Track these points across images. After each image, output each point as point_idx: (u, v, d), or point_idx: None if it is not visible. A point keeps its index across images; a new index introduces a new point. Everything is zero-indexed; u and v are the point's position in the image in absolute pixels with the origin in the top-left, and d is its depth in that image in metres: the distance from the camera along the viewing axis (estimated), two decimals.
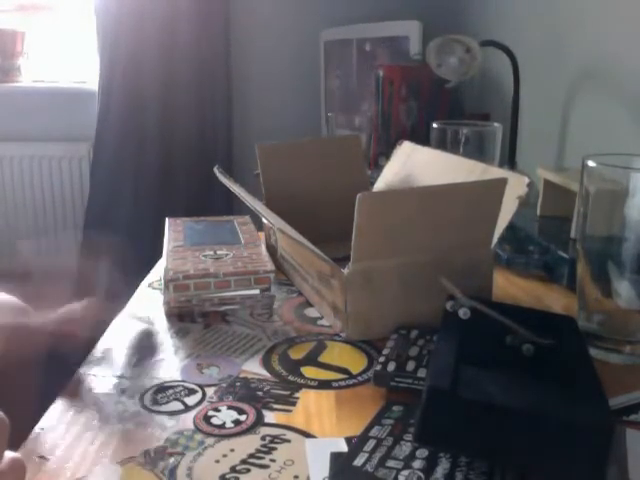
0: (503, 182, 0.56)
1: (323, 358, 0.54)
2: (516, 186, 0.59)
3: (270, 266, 0.64)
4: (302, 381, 0.50)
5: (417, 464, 0.39)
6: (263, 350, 0.55)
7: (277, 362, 0.53)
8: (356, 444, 0.41)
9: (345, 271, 0.55)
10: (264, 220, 0.72)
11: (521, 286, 0.71)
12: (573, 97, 1.15)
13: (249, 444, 0.42)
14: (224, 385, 0.50)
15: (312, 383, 0.50)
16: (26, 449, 0.41)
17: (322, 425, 0.44)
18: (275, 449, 0.41)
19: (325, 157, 0.82)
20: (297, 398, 0.48)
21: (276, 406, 0.47)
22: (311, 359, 0.54)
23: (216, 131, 2.05)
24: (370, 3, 1.96)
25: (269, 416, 0.45)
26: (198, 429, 0.44)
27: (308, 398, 0.48)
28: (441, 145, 0.80)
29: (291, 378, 0.51)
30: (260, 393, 0.48)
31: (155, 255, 0.77)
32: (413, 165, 0.76)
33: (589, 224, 0.53)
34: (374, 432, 0.43)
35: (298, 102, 2.10)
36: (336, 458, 0.40)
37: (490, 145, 0.81)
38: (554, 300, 0.68)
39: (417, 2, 1.84)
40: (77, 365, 0.51)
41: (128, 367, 0.52)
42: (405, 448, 0.40)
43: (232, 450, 0.41)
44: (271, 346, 0.56)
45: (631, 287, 0.52)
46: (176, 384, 0.50)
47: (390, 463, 0.39)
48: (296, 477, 0.39)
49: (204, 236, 0.74)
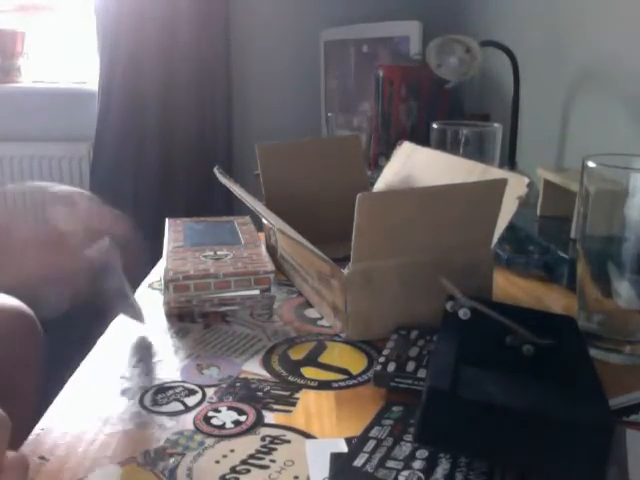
0: (503, 182, 0.56)
1: (323, 358, 0.54)
2: (516, 186, 0.59)
3: (270, 266, 0.64)
4: (302, 381, 0.50)
5: (417, 464, 0.39)
6: (263, 350, 0.55)
7: (277, 362, 0.53)
8: (356, 444, 0.41)
9: (345, 271, 0.55)
10: (264, 220, 0.72)
11: (521, 286, 0.71)
12: (573, 97, 1.15)
13: (249, 445, 0.42)
14: (224, 386, 0.50)
15: (312, 383, 0.50)
16: (26, 449, 0.41)
17: (322, 425, 0.44)
18: (275, 450, 0.41)
19: (325, 157, 0.82)
20: (297, 398, 0.48)
21: (276, 407, 0.47)
22: (311, 359, 0.54)
23: (216, 131, 2.05)
24: (370, 3, 1.96)
25: (269, 417, 0.45)
26: (198, 429, 0.44)
27: (308, 398, 0.48)
28: (441, 145, 0.80)
29: (291, 378, 0.51)
30: (260, 393, 0.48)
31: (155, 255, 0.77)
32: (413, 165, 0.76)
33: (589, 224, 0.53)
34: (374, 432, 0.43)
35: (298, 102, 2.10)
36: (336, 458, 0.40)
37: (490, 145, 0.81)
38: (554, 300, 0.68)
39: (417, 2, 1.84)
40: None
41: (129, 368, 0.52)
42: (405, 448, 0.40)
43: (232, 451, 0.41)
44: (271, 346, 0.56)
45: (631, 287, 0.52)
46: (176, 384, 0.50)
47: (390, 463, 0.39)
48: (296, 477, 0.39)
49: (204, 236, 0.74)
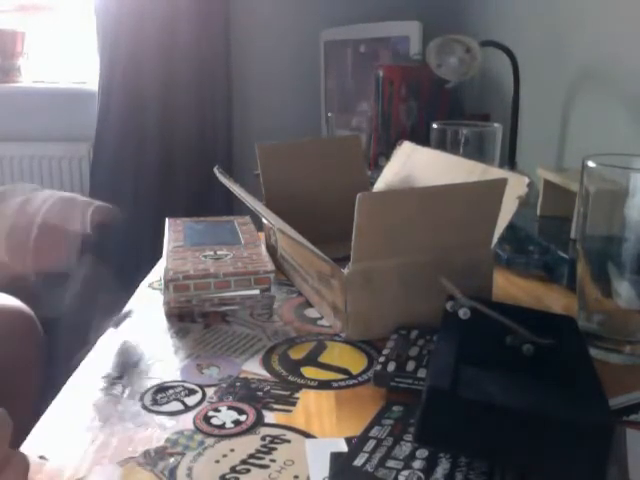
0: (503, 182, 0.56)
1: (323, 358, 0.54)
2: (516, 186, 0.59)
3: (270, 266, 0.64)
4: (302, 381, 0.50)
5: (417, 464, 0.39)
6: (263, 350, 0.55)
7: (277, 362, 0.53)
8: (356, 444, 0.41)
9: (345, 271, 0.55)
10: (264, 220, 0.72)
11: (521, 286, 0.71)
12: (573, 97, 1.15)
13: (249, 444, 0.42)
14: (224, 385, 0.50)
15: (312, 383, 0.50)
16: (26, 449, 0.41)
17: (322, 425, 0.44)
18: (275, 449, 0.41)
19: (325, 157, 0.82)
20: (297, 398, 0.48)
21: (276, 406, 0.47)
22: (311, 359, 0.54)
23: (216, 131, 2.05)
24: (370, 3, 1.96)
25: (269, 416, 0.45)
26: (198, 429, 0.44)
27: (308, 398, 0.48)
28: (441, 145, 0.80)
29: (291, 378, 0.51)
30: (260, 393, 0.48)
31: (155, 255, 0.77)
32: (413, 165, 0.76)
33: (589, 224, 0.53)
34: (374, 432, 0.43)
35: (298, 102, 2.10)
36: (336, 458, 0.40)
37: (490, 145, 0.81)
38: (554, 300, 0.68)
39: (417, 2, 1.84)
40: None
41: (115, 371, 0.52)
42: (405, 448, 0.40)
43: (232, 450, 0.41)
44: (271, 346, 0.56)
45: (631, 287, 0.52)
46: (176, 384, 0.50)
47: (390, 463, 0.39)
48: (296, 477, 0.39)
49: (204, 236, 0.74)
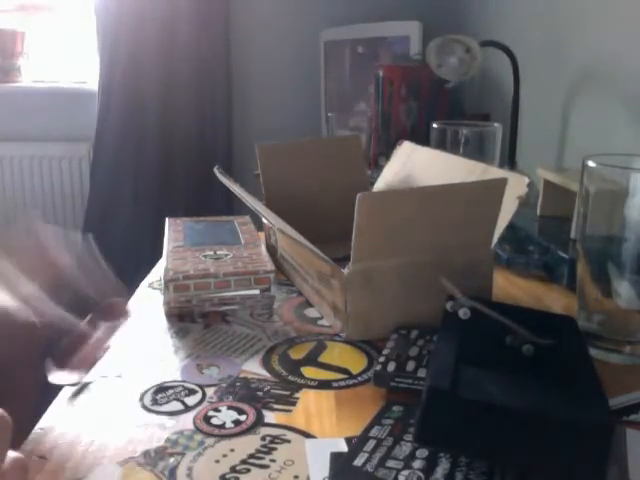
0: (503, 182, 0.56)
1: (323, 358, 0.54)
2: (516, 186, 0.59)
3: (270, 266, 0.64)
4: (302, 381, 0.50)
5: (417, 464, 0.39)
6: (263, 350, 0.55)
7: (277, 362, 0.53)
8: (356, 444, 0.41)
9: (345, 271, 0.55)
10: (264, 220, 0.72)
11: (521, 286, 0.71)
12: (573, 97, 1.15)
13: (249, 444, 0.42)
14: (224, 385, 0.50)
15: (312, 383, 0.50)
16: (26, 449, 0.41)
17: (322, 425, 0.44)
18: (275, 449, 0.41)
19: (325, 157, 0.82)
20: (297, 398, 0.48)
21: (276, 406, 0.47)
22: (311, 359, 0.54)
23: (216, 131, 2.05)
24: (370, 3, 1.96)
25: (269, 416, 0.45)
26: (198, 429, 0.44)
27: (308, 398, 0.48)
28: (441, 145, 0.80)
29: (291, 378, 0.51)
30: (260, 393, 0.48)
31: (155, 255, 0.77)
32: (413, 165, 0.76)
33: (589, 224, 0.53)
34: (374, 432, 0.43)
35: (298, 102, 2.10)
36: (336, 458, 0.40)
37: (490, 145, 0.81)
38: (554, 300, 0.68)
39: (417, 2, 1.84)
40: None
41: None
42: (405, 448, 0.40)
43: (232, 450, 0.41)
44: (271, 346, 0.56)
45: (631, 287, 0.52)
46: (176, 384, 0.50)
47: (390, 463, 0.39)
48: (296, 477, 0.39)
49: (204, 236, 0.74)
